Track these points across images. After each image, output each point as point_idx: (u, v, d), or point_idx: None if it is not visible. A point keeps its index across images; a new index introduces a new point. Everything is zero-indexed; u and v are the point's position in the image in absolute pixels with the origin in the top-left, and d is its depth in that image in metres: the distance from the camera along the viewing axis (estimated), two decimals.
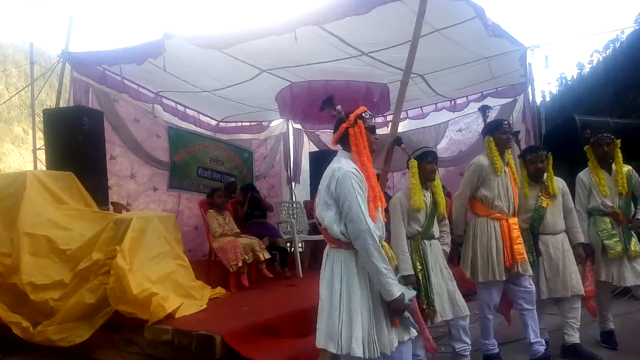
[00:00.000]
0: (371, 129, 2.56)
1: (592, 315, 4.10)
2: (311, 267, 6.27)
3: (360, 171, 2.41)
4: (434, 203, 3.41)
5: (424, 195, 3.35)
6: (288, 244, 6.39)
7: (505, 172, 3.72)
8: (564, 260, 3.83)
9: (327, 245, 2.53)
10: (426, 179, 3.38)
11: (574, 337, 3.79)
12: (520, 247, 3.61)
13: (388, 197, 3.24)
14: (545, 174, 3.91)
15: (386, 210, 2.73)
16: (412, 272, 3.16)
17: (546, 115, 6.96)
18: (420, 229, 3.30)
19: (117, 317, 3.84)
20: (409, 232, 3.28)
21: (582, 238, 3.95)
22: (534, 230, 3.89)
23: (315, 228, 6.84)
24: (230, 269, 5.06)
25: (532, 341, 3.63)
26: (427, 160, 3.36)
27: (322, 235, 6.53)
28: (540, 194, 3.90)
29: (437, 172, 3.44)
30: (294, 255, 6.04)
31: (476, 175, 3.71)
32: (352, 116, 2.51)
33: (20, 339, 3.99)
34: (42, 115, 5.53)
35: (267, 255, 5.43)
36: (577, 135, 6.13)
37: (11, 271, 4.22)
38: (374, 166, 2.52)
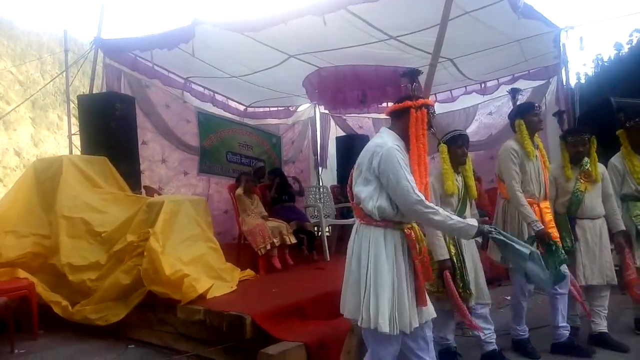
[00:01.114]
0: (430, 124, 2.52)
1: (635, 302, 3.98)
2: (338, 250, 6.30)
3: (402, 148, 2.42)
4: (465, 187, 3.38)
5: (456, 180, 3.32)
6: (315, 228, 6.44)
7: (536, 156, 3.63)
8: (601, 246, 3.77)
9: (357, 221, 2.52)
10: (457, 163, 3.34)
11: (601, 326, 3.74)
12: (554, 231, 3.52)
13: None
14: (586, 158, 3.80)
15: None
16: (447, 256, 3.14)
17: (581, 98, 6.75)
18: (453, 213, 3.28)
19: (151, 297, 3.98)
20: None
21: (622, 225, 3.85)
22: (571, 214, 3.80)
23: (342, 212, 6.87)
24: (259, 251, 5.15)
25: (559, 325, 3.60)
26: (457, 144, 3.32)
27: (348, 220, 6.58)
28: (579, 176, 3.80)
29: (468, 156, 3.40)
30: (321, 239, 6.08)
31: (513, 157, 3.56)
32: (420, 100, 2.50)
33: (61, 317, 4.17)
34: (76, 101, 5.68)
35: (294, 240, 5.49)
36: (613, 118, 5.95)
37: (51, 252, 4.41)
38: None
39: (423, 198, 2.31)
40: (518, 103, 3.87)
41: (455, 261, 3.18)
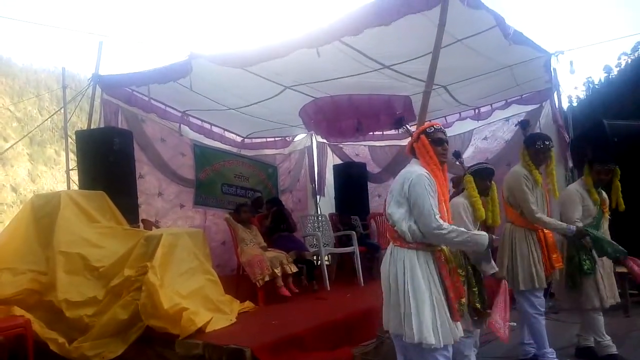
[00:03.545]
0: (436, 142, 2.72)
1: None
2: (338, 279, 6.25)
3: (431, 176, 2.64)
4: None
5: None
6: (315, 257, 6.40)
7: (541, 183, 3.79)
8: (611, 268, 3.93)
9: (391, 243, 2.71)
10: (480, 194, 3.45)
11: (589, 341, 3.90)
12: (557, 256, 3.70)
13: None
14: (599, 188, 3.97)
15: None
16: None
17: (575, 120, 6.84)
18: None
19: (149, 332, 3.92)
20: None
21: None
22: None
23: (340, 240, 6.85)
24: (257, 283, 5.10)
25: (525, 342, 3.81)
26: (480, 177, 3.45)
27: (347, 248, 6.56)
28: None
29: (492, 187, 3.49)
30: (321, 268, 6.04)
31: (527, 182, 3.72)
32: (415, 133, 2.79)
33: (58, 355, 4.08)
34: (74, 136, 5.71)
35: (295, 269, 5.45)
36: (606, 140, 6.01)
37: (47, 289, 4.35)
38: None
39: (442, 223, 2.51)
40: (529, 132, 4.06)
41: (474, 281, 3.25)
